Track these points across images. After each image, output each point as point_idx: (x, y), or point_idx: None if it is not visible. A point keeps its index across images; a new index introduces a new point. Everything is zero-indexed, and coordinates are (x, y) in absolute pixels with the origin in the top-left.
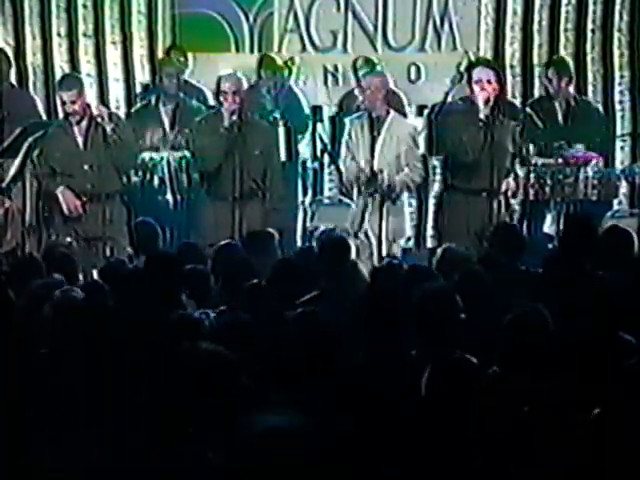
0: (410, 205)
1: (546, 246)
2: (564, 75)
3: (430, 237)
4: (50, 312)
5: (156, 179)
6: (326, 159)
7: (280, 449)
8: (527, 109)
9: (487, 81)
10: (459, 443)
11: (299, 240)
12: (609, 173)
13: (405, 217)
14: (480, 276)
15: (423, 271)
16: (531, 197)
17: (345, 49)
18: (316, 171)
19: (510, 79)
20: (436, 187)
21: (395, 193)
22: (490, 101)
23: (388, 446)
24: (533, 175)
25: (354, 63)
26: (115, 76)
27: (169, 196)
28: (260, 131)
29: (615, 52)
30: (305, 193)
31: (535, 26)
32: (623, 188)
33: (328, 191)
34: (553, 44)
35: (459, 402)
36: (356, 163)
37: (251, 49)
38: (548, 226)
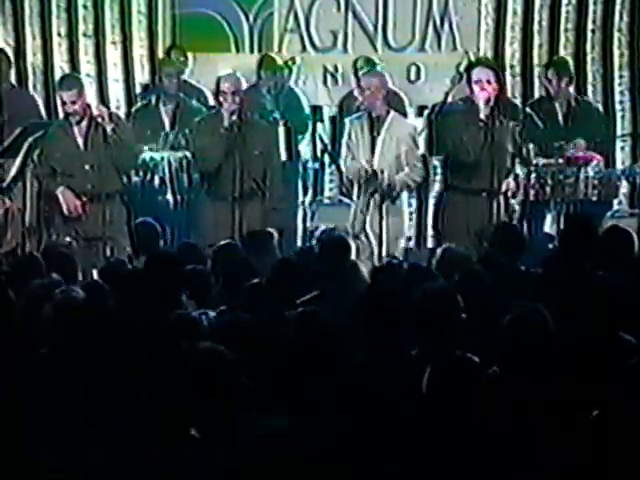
0: (410, 205)
1: (546, 246)
2: (564, 75)
3: (430, 237)
4: (50, 312)
5: (156, 179)
6: (326, 159)
7: (280, 449)
8: (527, 109)
9: (487, 81)
10: (459, 443)
11: (299, 240)
12: (609, 173)
13: (404, 217)
14: (480, 276)
15: (423, 271)
16: (531, 197)
17: (345, 49)
18: (316, 171)
19: (510, 79)
20: (436, 187)
21: (395, 193)
22: (490, 101)
23: (388, 446)
24: (533, 175)
25: (354, 63)
26: (115, 76)
27: (169, 196)
28: (260, 131)
29: (615, 52)
30: (305, 193)
31: (535, 26)
32: (623, 188)
33: (328, 191)
34: (553, 44)
35: (459, 402)
36: (356, 163)
37: (251, 49)
38: (548, 226)
